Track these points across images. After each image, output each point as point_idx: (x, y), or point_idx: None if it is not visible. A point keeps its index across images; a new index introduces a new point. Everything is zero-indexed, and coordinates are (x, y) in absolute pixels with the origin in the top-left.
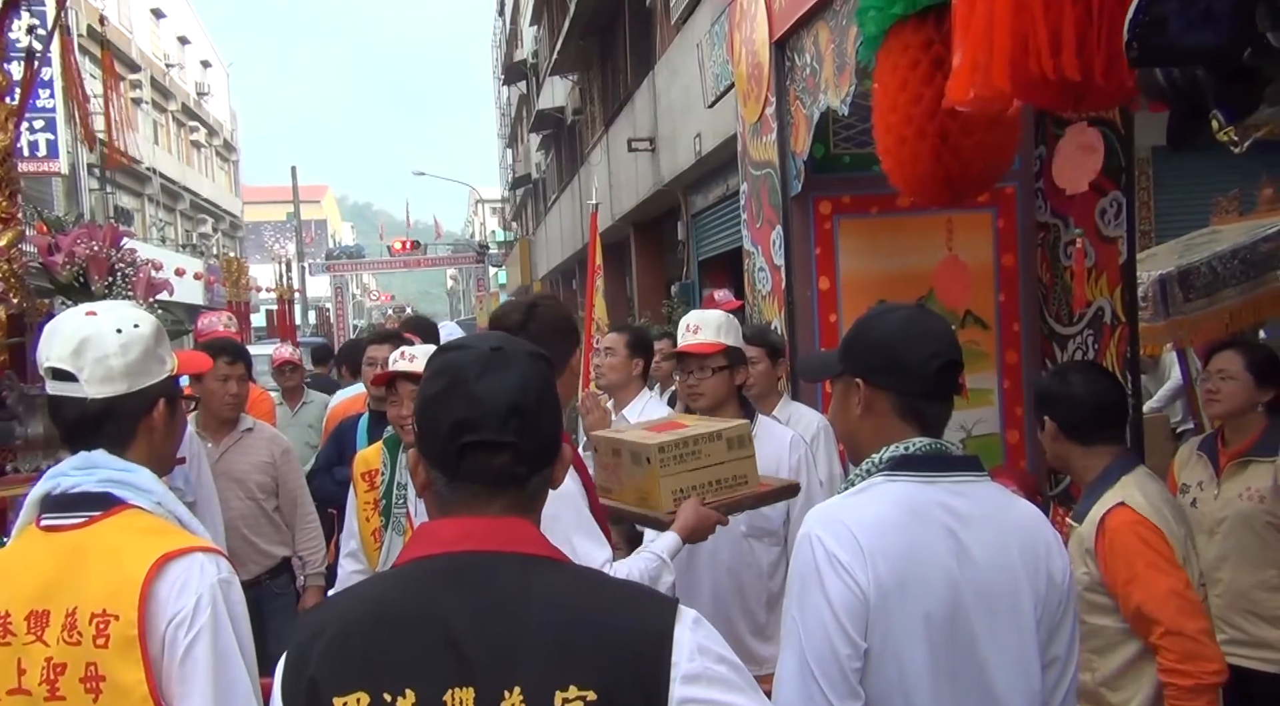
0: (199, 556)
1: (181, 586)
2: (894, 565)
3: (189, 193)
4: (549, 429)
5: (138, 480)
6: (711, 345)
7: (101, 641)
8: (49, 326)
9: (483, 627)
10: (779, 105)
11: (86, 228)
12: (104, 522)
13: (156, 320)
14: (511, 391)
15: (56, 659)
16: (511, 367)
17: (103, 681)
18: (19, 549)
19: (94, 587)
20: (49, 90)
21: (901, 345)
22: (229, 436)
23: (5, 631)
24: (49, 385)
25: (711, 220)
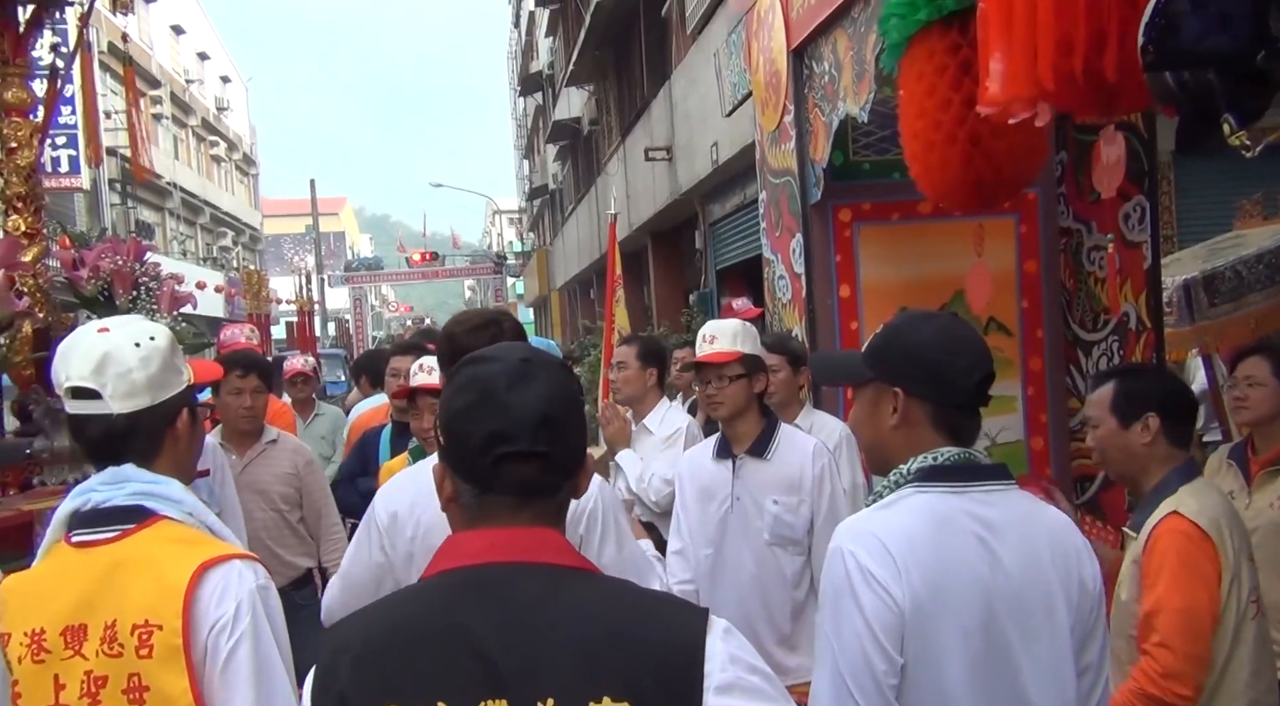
0: (237, 563)
1: (222, 593)
2: (928, 577)
3: (209, 206)
4: (576, 438)
5: (168, 491)
6: (727, 354)
7: (145, 651)
8: (63, 346)
9: (512, 639)
10: (797, 113)
11: (110, 242)
12: (138, 535)
13: (170, 332)
14: (542, 401)
15: (97, 672)
16: (541, 378)
17: (146, 691)
18: (50, 567)
19: (134, 599)
20: (71, 107)
21: (941, 355)
22: (252, 448)
23: (40, 648)
24: (70, 405)
25: (729, 229)
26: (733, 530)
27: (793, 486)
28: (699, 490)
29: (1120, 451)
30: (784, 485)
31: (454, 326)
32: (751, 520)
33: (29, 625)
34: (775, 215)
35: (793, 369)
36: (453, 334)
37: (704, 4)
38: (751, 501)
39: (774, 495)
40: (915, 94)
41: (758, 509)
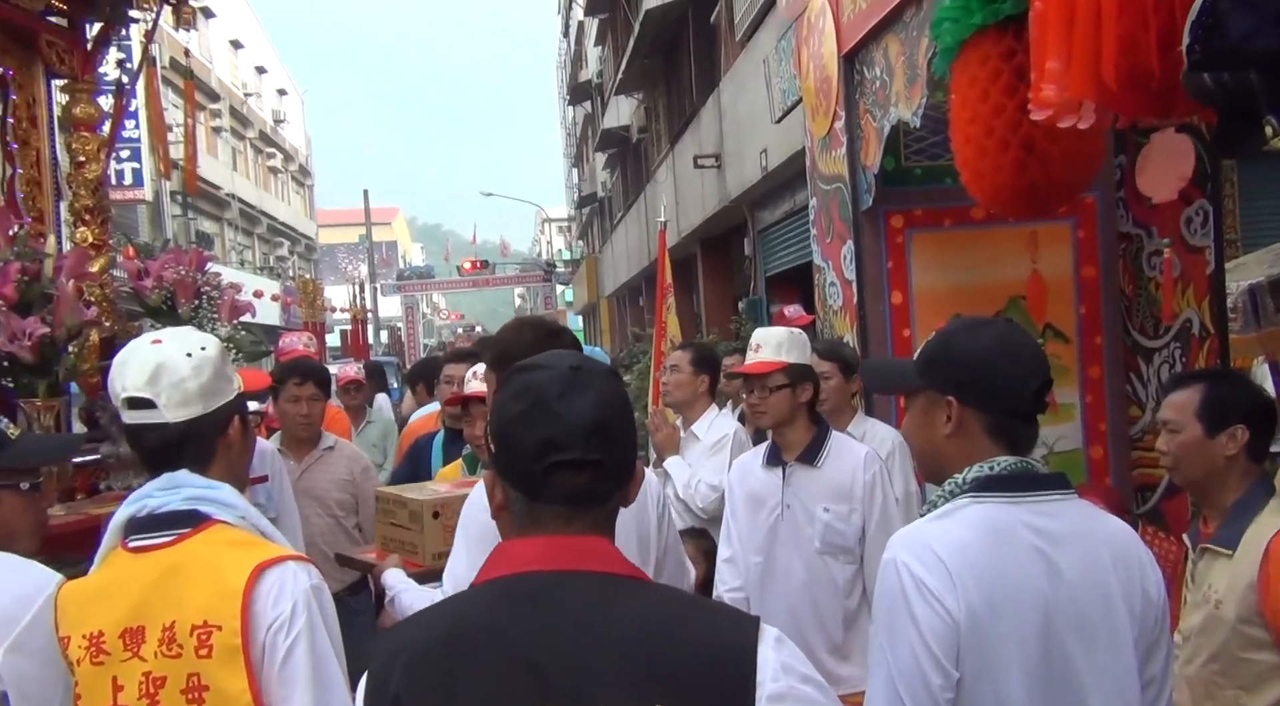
0: (291, 564)
1: (278, 594)
2: (984, 590)
3: (266, 217)
4: (627, 446)
5: (222, 496)
6: (770, 364)
7: (204, 652)
8: (118, 359)
9: (562, 646)
10: (848, 119)
11: (174, 253)
12: (194, 539)
13: (220, 341)
14: (594, 409)
15: (155, 672)
16: (592, 386)
17: (206, 691)
18: (107, 572)
19: (193, 601)
20: (134, 121)
21: (997, 362)
22: (310, 454)
23: (99, 650)
24: (126, 415)
25: (779, 235)
26: (783, 538)
27: (844, 494)
28: (749, 497)
29: (1201, 461)
30: (835, 493)
31: (506, 333)
32: (802, 528)
33: (88, 628)
34: (826, 222)
35: (845, 376)
36: (504, 344)
37: (753, 11)
38: (802, 509)
39: (825, 503)
40: (968, 99)
41: (808, 517)
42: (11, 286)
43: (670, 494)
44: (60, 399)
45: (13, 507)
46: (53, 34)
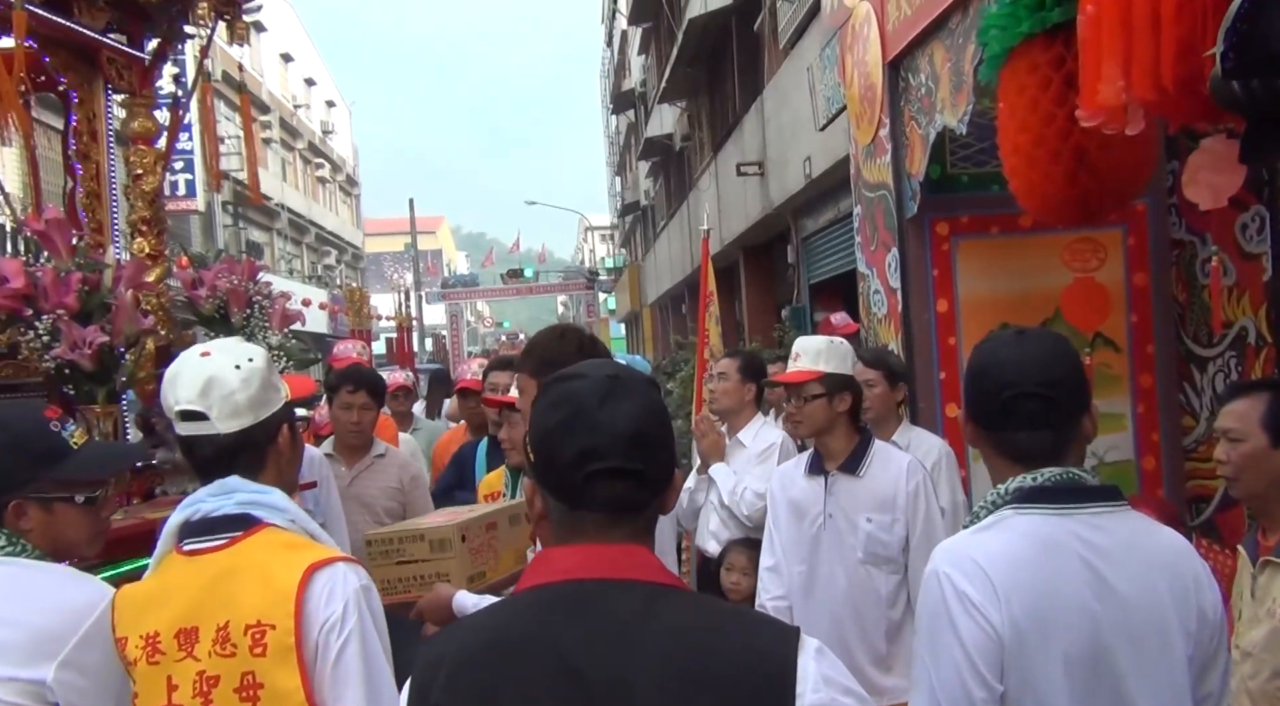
0: (341, 565)
1: (329, 594)
2: (1028, 602)
3: (314, 226)
4: (667, 455)
5: (273, 500)
6: (805, 373)
7: (259, 651)
8: (170, 372)
9: (603, 656)
10: (893, 126)
11: (227, 263)
12: (246, 542)
13: (267, 352)
14: (634, 418)
15: (209, 672)
16: (632, 395)
17: (260, 689)
18: (163, 574)
19: (246, 601)
20: (187, 133)
21: (979, 375)
22: (360, 461)
23: (155, 650)
24: (180, 426)
25: (822, 243)
26: (825, 547)
27: (886, 504)
28: (791, 506)
29: (1264, 472)
30: (877, 502)
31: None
32: (844, 537)
33: (144, 628)
34: (870, 229)
35: (890, 384)
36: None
37: (797, 19)
38: (844, 519)
39: (867, 512)
40: (1017, 108)
41: (851, 526)
42: (73, 296)
43: (715, 501)
44: (118, 405)
45: (68, 519)
46: (113, 51)
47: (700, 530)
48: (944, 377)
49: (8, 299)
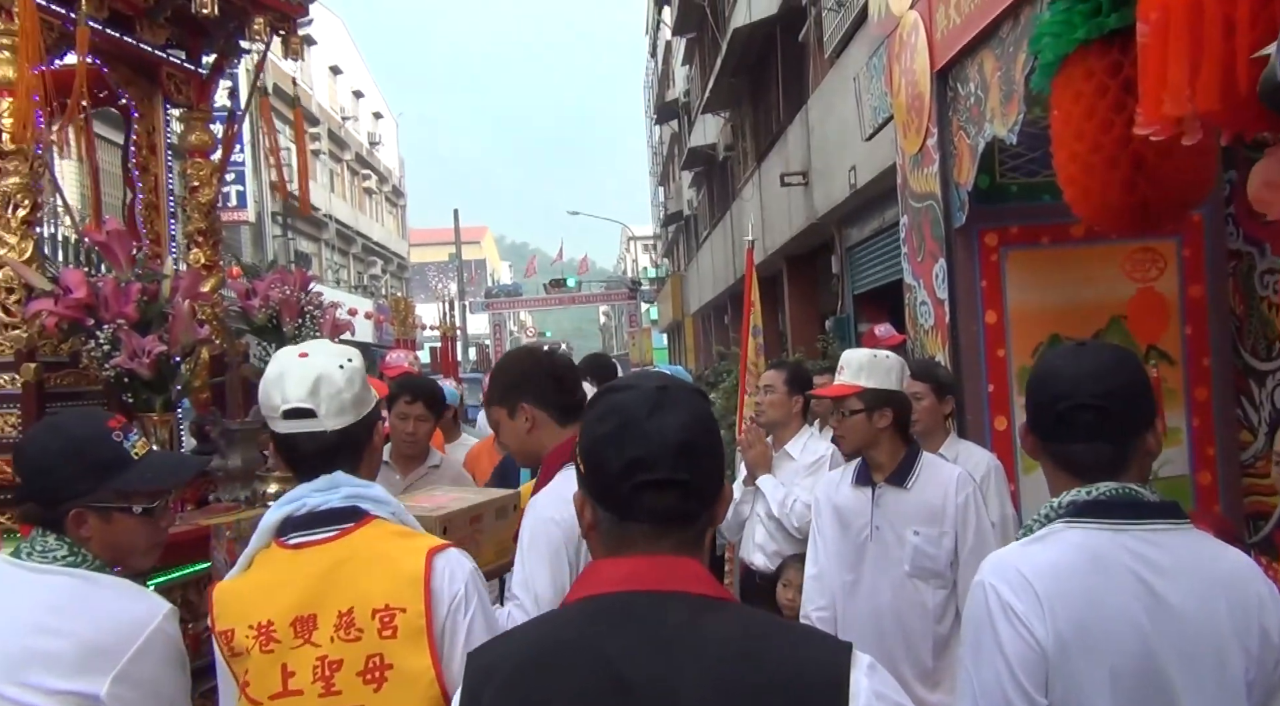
0: (453, 550)
1: (451, 575)
2: (1074, 616)
3: (361, 236)
4: (715, 466)
5: (376, 494)
6: (843, 388)
7: (389, 632)
8: (272, 372)
9: (653, 667)
10: (941, 136)
11: (280, 273)
12: (358, 533)
13: (359, 352)
14: (682, 429)
15: (331, 657)
16: (680, 406)
17: (389, 670)
18: (266, 568)
19: (371, 587)
20: (239, 144)
21: (1036, 386)
22: (415, 471)
23: (269, 639)
24: (281, 425)
25: (867, 254)
26: (871, 559)
27: (935, 517)
28: (836, 516)
29: None
30: (925, 515)
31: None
32: (891, 550)
33: (255, 618)
34: (917, 240)
35: (937, 396)
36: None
37: (843, 28)
38: (891, 531)
39: (915, 525)
40: (1072, 116)
41: (898, 539)
42: (133, 306)
43: (762, 512)
44: (174, 414)
45: (126, 529)
46: (172, 67)
47: (746, 542)
48: (992, 390)
49: (70, 309)
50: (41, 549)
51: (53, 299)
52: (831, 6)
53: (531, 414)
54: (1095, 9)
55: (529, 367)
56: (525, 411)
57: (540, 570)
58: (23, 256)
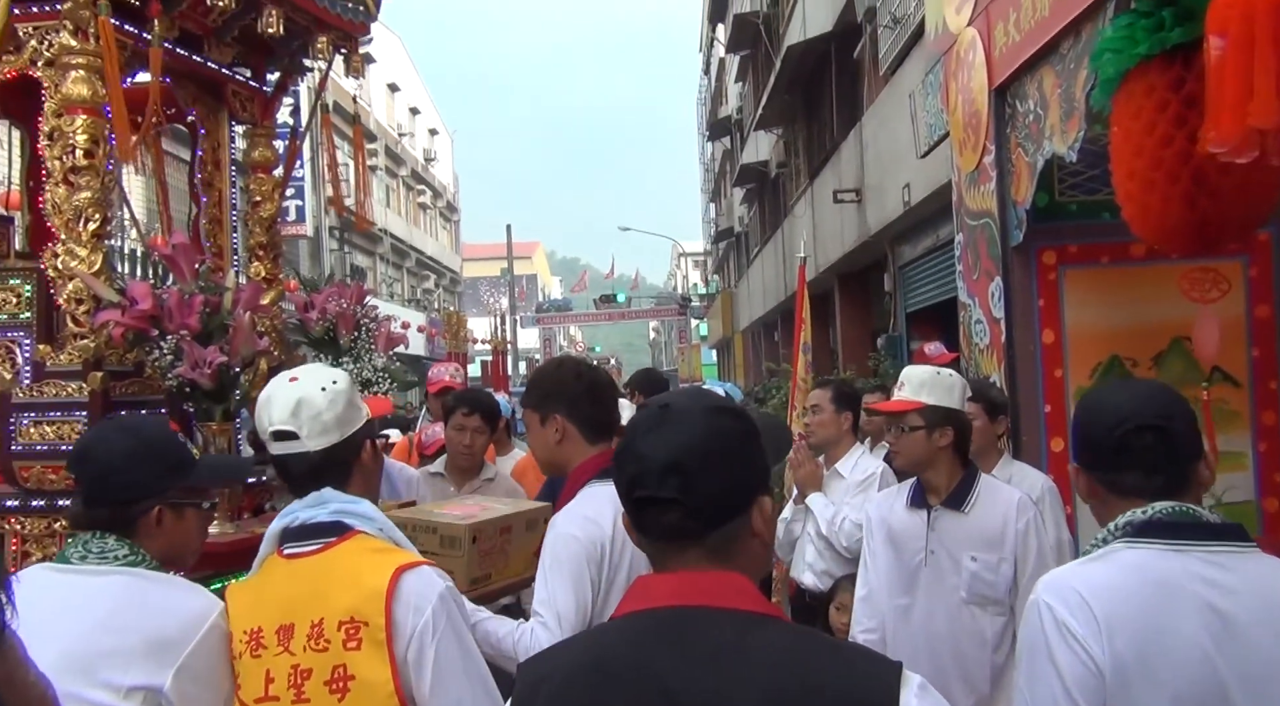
0: (426, 569)
1: (420, 595)
2: (1134, 638)
3: (415, 251)
4: (721, 483)
5: (363, 510)
6: (903, 404)
7: (353, 644)
8: (262, 397)
9: (700, 683)
10: (998, 153)
11: (337, 287)
12: (339, 547)
13: (348, 375)
14: (671, 449)
15: (303, 665)
16: (676, 425)
17: (351, 680)
18: (265, 575)
19: (339, 600)
20: (299, 161)
21: (1087, 420)
22: (470, 484)
23: (258, 644)
24: (273, 446)
25: (920, 271)
26: (925, 584)
27: (993, 542)
28: (889, 537)
29: None
30: (983, 540)
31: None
32: (946, 576)
33: (249, 624)
34: (973, 258)
35: (990, 417)
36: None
37: (898, 45)
38: (947, 556)
39: (972, 551)
40: (1132, 132)
41: (954, 564)
42: (196, 317)
43: (812, 531)
44: (233, 423)
45: (194, 525)
46: (238, 84)
47: (796, 561)
48: (1049, 411)
49: (136, 319)
50: (99, 550)
51: (120, 310)
52: (887, 24)
53: (562, 426)
54: (1158, 24)
55: (569, 380)
56: (556, 422)
57: (562, 587)
58: (92, 269)
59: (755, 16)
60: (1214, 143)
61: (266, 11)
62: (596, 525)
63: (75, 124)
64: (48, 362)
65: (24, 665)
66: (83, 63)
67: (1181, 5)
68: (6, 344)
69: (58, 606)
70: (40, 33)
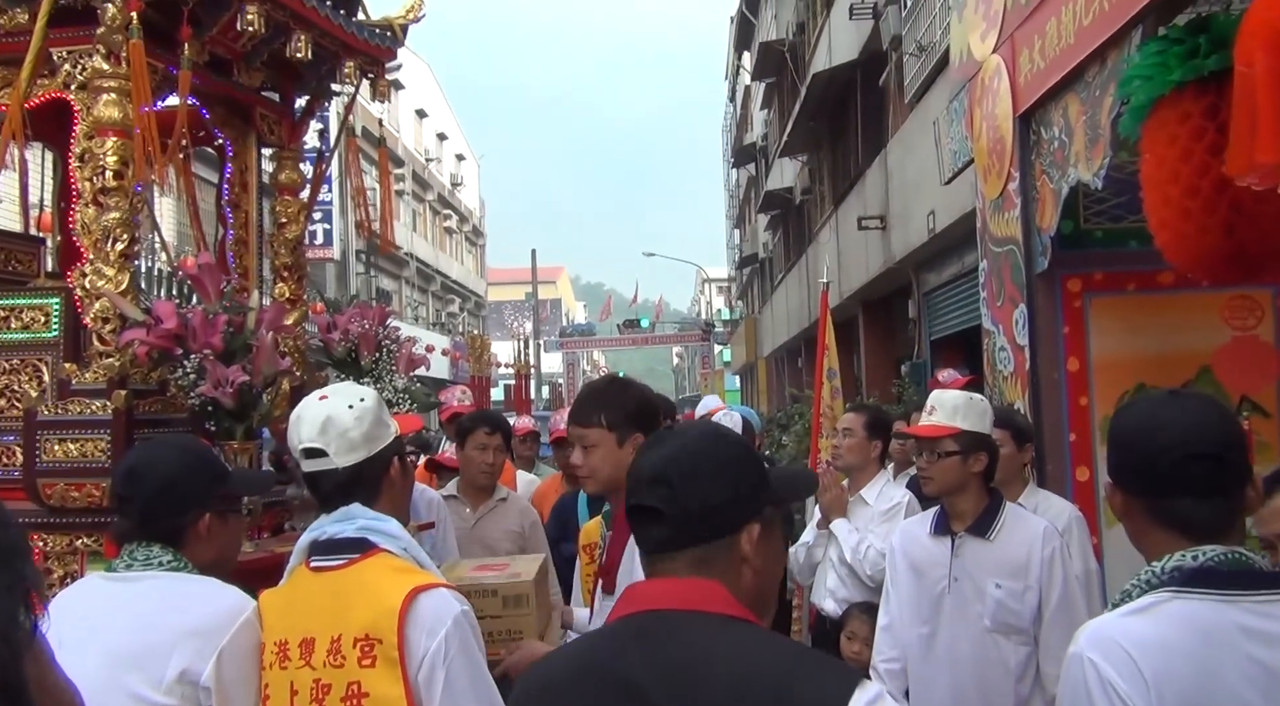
0: (443, 591)
1: (436, 616)
2: (1183, 699)
3: (440, 275)
4: (705, 498)
5: (389, 528)
6: (939, 429)
7: (368, 662)
8: (293, 415)
9: (671, 684)
10: (1023, 180)
11: (359, 308)
12: (362, 563)
13: (377, 393)
14: (660, 460)
15: (323, 680)
16: (669, 443)
17: (365, 697)
18: (294, 587)
19: (356, 617)
20: (327, 185)
21: (1135, 439)
22: (485, 503)
23: (284, 657)
24: (304, 464)
25: (944, 298)
26: (949, 612)
27: (1018, 570)
28: (912, 565)
29: None
30: (1008, 568)
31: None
32: (970, 604)
33: (277, 636)
34: (997, 285)
35: (1017, 445)
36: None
37: (924, 73)
38: (971, 584)
39: (997, 578)
40: (1166, 159)
41: (978, 592)
42: (219, 337)
43: (834, 557)
44: (254, 442)
45: (235, 529)
46: (266, 107)
47: (817, 587)
48: (1074, 440)
49: (161, 338)
50: (145, 558)
51: (145, 329)
52: (913, 52)
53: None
54: (1192, 50)
55: (652, 401)
56: (637, 441)
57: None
58: (119, 288)
59: (781, 44)
60: (1237, 172)
61: (295, 36)
62: None
63: (106, 146)
64: (73, 381)
65: (52, 669)
66: (114, 86)
67: (1215, 32)
68: (34, 362)
69: (104, 609)
70: (74, 57)
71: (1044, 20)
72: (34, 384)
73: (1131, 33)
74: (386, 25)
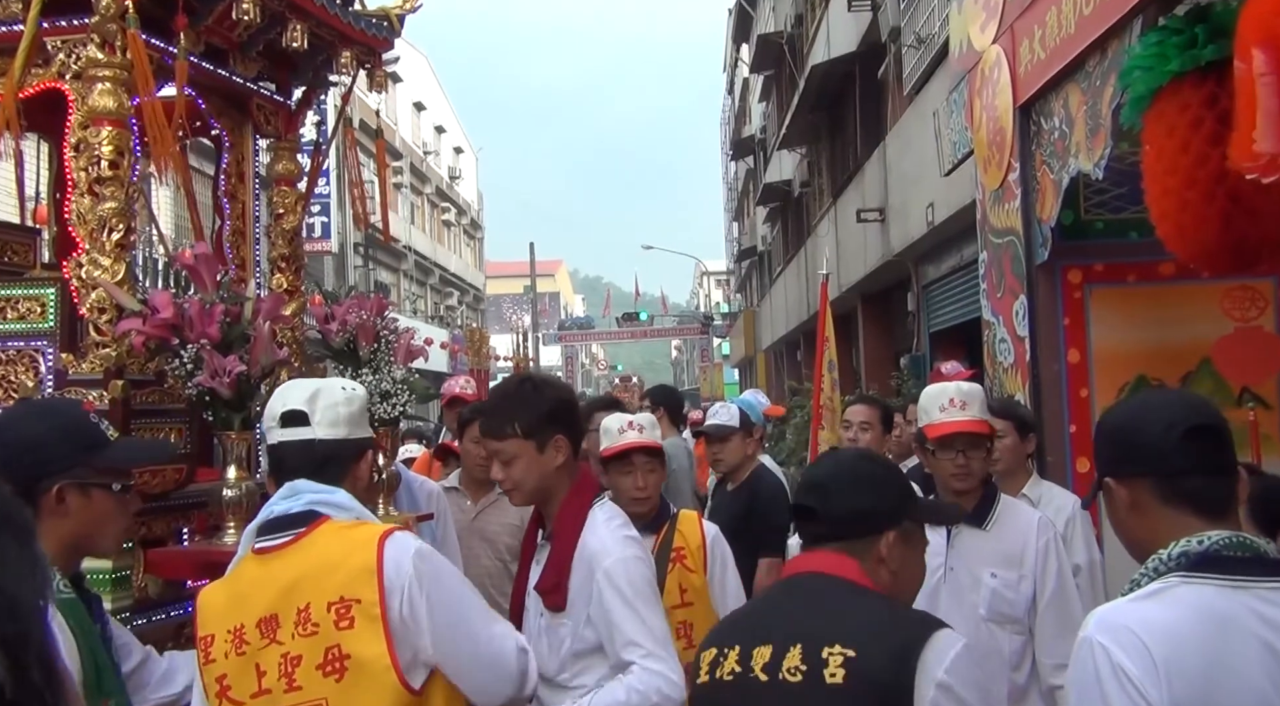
0: (396, 533)
1: (398, 558)
2: (1194, 685)
3: (438, 268)
4: (850, 505)
5: (338, 499)
6: (979, 424)
7: (345, 624)
8: (279, 389)
9: (798, 622)
10: (1023, 171)
11: (357, 298)
12: (312, 534)
13: (366, 390)
14: (820, 472)
15: (292, 652)
16: (831, 461)
17: (347, 659)
18: (241, 574)
19: (326, 582)
20: (325, 178)
21: (1133, 425)
22: (486, 496)
23: (241, 642)
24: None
25: (944, 291)
26: (944, 602)
27: (1013, 560)
28: None
29: None
30: (1003, 558)
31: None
32: (966, 593)
33: (230, 623)
34: (997, 276)
35: (1020, 435)
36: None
37: (923, 65)
38: (966, 573)
39: (992, 568)
40: (1165, 150)
41: (973, 581)
42: (216, 327)
43: None
44: (252, 432)
45: (104, 508)
46: (262, 98)
47: None
48: (1074, 431)
49: (157, 328)
50: None
51: (141, 319)
52: (912, 43)
53: (565, 447)
54: (1190, 40)
55: (567, 399)
56: (559, 444)
57: (654, 613)
58: (115, 278)
59: (779, 37)
60: (1239, 162)
61: (291, 26)
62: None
63: (101, 136)
64: (70, 371)
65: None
66: (109, 75)
67: (1213, 22)
68: (30, 352)
69: None
70: (68, 46)
71: (1044, 10)
72: (30, 374)
73: (1132, 22)
74: (383, 15)
